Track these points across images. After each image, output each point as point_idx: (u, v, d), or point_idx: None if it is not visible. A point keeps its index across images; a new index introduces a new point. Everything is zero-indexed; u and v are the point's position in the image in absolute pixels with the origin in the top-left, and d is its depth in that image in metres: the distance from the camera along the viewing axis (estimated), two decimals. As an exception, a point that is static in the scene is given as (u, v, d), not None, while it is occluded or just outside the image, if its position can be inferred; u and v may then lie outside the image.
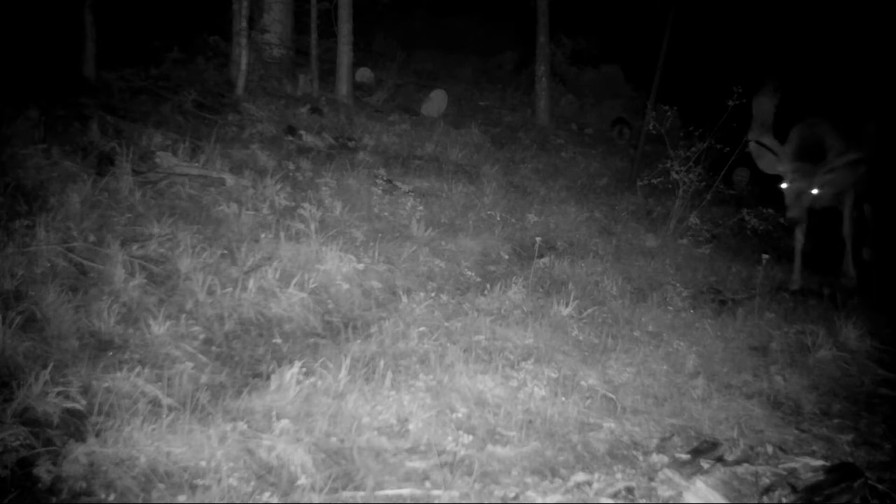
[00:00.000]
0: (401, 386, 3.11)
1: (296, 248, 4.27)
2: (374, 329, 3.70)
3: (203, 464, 2.41)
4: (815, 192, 5.27)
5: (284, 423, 2.70)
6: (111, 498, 2.24)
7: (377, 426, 2.82)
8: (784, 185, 5.36)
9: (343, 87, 8.20)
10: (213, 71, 7.82)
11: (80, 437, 2.45)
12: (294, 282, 3.90)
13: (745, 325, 4.49)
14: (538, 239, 5.01)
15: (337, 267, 4.22)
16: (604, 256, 5.54)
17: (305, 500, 2.35)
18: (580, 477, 2.62)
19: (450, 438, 2.79)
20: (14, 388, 2.58)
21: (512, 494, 2.50)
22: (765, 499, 2.60)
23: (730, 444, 2.98)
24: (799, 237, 5.79)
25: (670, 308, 4.65)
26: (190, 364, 3.11)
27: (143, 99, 6.16)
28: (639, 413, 3.27)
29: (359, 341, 3.53)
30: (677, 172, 6.56)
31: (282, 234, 4.35)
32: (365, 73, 9.62)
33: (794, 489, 2.66)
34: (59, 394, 2.62)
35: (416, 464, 2.61)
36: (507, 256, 5.29)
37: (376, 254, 4.54)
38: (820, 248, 6.32)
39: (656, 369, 3.72)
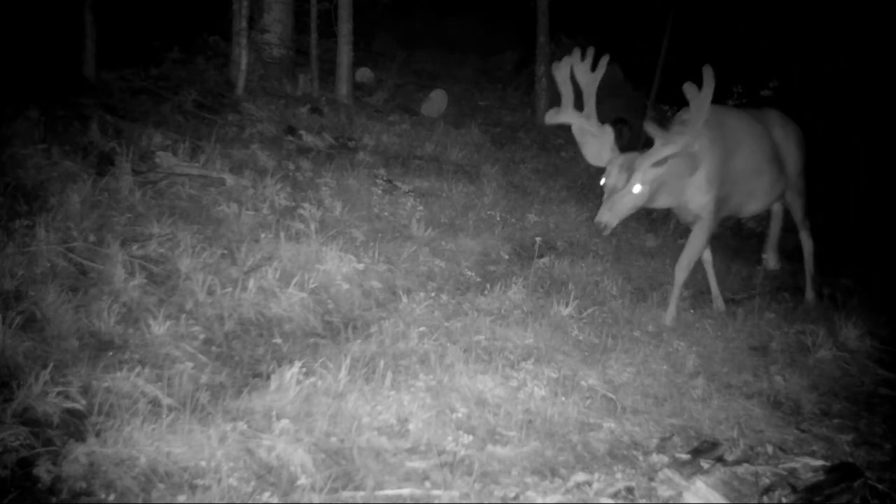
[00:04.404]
0: (401, 386, 3.11)
1: (296, 248, 4.27)
2: (374, 329, 3.70)
3: (203, 464, 2.42)
4: (636, 190, 4.07)
5: (284, 423, 2.70)
6: (111, 498, 2.24)
7: (377, 426, 2.82)
8: (602, 181, 4.24)
9: (343, 87, 8.19)
10: (213, 71, 7.80)
11: (80, 437, 2.45)
12: (294, 282, 3.90)
13: (745, 325, 4.49)
14: (538, 239, 5.01)
15: (337, 267, 4.22)
16: (604, 256, 5.54)
17: (305, 500, 2.35)
18: (580, 477, 2.62)
19: (450, 438, 2.80)
20: (14, 388, 2.58)
21: (512, 494, 2.50)
22: (765, 499, 2.60)
23: (730, 444, 2.98)
24: (705, 256, 4.80)
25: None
26: (190, 364, 3.11)
27: (143, 99, 6.16)
28: (639, 413, 3.27)
29: (359, 341, 3.53)
30: (677, 172, 6.54)
31: (282, 234, 4.35)
32: (365, 73, 9.61)
33: (794, 489, 2.66)
34: (59, 394, 2.62)
35: (416, 464, 2.61)
36: (507, 256, 5.29)
37: (376, 254, 4.54)
38: (821, 247, 6.32)
39: (656, 369, 3.72)
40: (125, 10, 7.03)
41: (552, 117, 4.40)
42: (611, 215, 4.05)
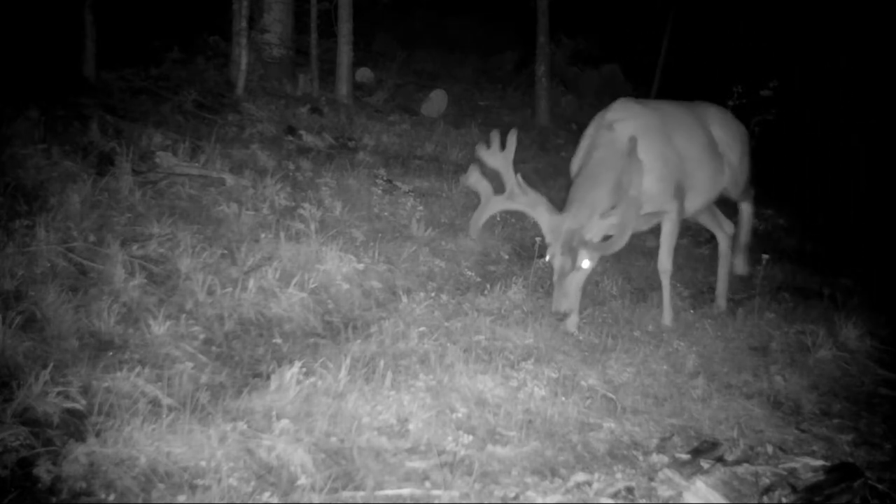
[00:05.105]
0: (401, 386, 3.11)
1: (296, 248, 4.27)
2: (374, 329, 3.70)
3: (203, 464, 2.42)
4: (585, 266, 3.86)
5: (284, 423, 2.70)
6: (111, 498, 2.24)
7: (377, 426, 2.82)
8: (547, 258, 3.94)
9: (343, 87, 8.20)
10: (213, 71, 7.81)
11: (80, 437, 2.45)
12: (294, 282, 3.90)
13: (745, 325, 4.49)
14: (538, 239, 4.99)
15: (337, 267, 4.22)
16: (603, 256, 5.53)
17: (305, 500, 2.35)
18: (580, 477, 2.62)
19: (450, 438, 2.80)
20: (14, 388, 2.58)
21: (512, 494, 2.50)
22: (765, 499, 2.60)
23: (730, 444, 2.98)
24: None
25: (670, 308, 4.64)
26: (190, 364, 3.11)
27: (143, 99, 6.16)
28: (639, 413, 3.27)
29: (359, 341, 3.53)
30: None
31: (282, 234, 4.35)
32: (365, 73, 9.62)
33: (794, 489, 2.66)
34: (59, 394, 2.62)
35: (416, 464, 2.62)
36: (507, 256, 5.30)
37: (376, 254, 4.54)
38: (821, 247, 6.32)
39: (656, 369, 3.72)
40: (125, 10, 7.04)
41: (476, 229, 4.18)
42: (568, 302, 3.85)
